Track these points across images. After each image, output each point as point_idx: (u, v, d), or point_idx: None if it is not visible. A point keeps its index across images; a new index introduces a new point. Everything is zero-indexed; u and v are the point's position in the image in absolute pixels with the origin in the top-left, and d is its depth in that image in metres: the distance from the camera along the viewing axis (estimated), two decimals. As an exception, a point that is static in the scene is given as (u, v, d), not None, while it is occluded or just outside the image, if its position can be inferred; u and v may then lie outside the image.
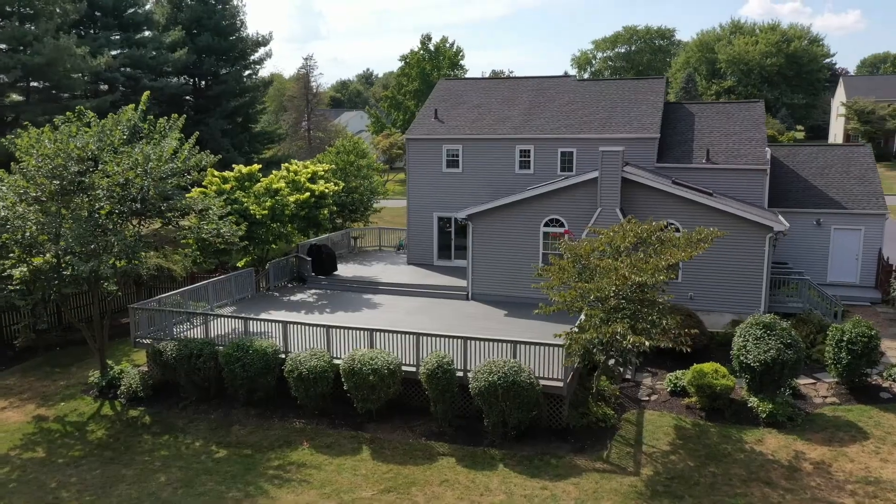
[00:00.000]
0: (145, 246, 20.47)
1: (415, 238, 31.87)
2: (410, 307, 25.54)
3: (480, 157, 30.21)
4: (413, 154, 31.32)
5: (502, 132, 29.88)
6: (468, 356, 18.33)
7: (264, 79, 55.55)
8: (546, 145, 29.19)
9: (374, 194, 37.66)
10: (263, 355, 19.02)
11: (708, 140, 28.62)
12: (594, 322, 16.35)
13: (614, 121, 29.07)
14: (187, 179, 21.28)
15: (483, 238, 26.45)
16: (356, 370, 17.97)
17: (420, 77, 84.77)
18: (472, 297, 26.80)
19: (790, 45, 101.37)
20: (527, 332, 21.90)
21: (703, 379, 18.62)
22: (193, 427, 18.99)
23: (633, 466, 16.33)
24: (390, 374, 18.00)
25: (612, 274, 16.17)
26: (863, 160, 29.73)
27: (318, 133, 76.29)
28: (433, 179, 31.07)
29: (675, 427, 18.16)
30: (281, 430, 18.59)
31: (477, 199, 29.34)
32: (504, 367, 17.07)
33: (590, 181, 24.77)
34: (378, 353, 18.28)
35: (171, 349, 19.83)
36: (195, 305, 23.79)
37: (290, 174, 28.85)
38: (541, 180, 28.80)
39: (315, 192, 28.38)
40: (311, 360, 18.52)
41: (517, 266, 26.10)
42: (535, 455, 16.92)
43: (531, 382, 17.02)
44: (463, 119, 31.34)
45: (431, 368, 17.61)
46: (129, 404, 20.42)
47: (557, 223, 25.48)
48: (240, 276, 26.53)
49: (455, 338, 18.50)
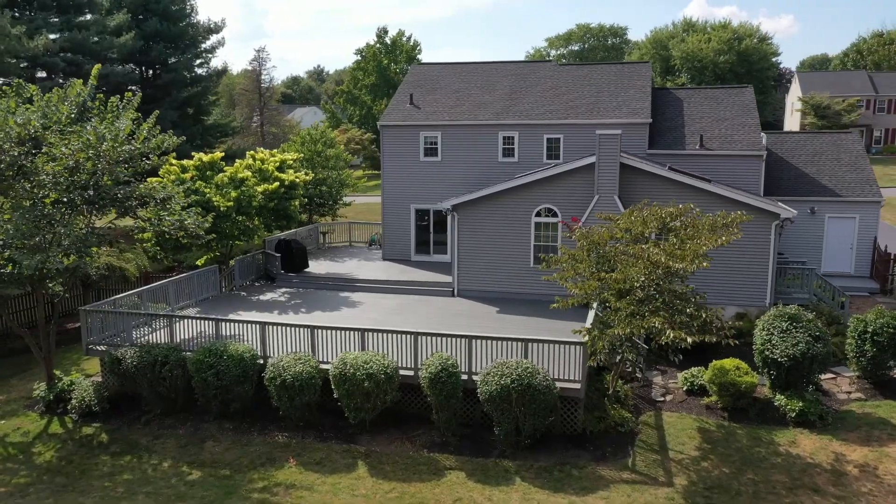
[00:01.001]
0: (98, 240, 17.95)
1: (391, 232, 29.82)
2: (393, 305, 23.53)
3: (461, 144, 28.37)
4: (388, 142, 29.26)
5: (484, 118, 28.09)
6: (473, 357, 16.46)
7: (217, 68, 52.48)
8: (531, 131, 27.53)
9: (344, 187, 35.37)
10: (240, 361, 16.77)
11: (699, 126, 27.40)
12: (621, 316, 14.66)
13: (602, 105, 27.60)
14: (145, 165, 18.81)
15: (469, 230, 24.61)
16: (349, 376, 15.90)
17: (377, 71, 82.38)
18: (458, 293, 24.93)
19: (741, 44, 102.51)
20: (524, 329, 20.24)
21: (724, 376, 17.17)
22: (160, 445, 16.60)
23: (665, 475, 14.71)
24: (387, 379, 15.99)
25: (640, 262, 14.52)
26: (852, 147, 28.98)
27: (272, 128, 73.15)
28: (410, 169, 29.08)
29: (699, 429, 16.64)
30: (262, 445, 16.38)
31: (458, 189, 27.47)
32: (517, 368, 15.26)
33: (585, 167, 23.18)
34: (373, 355, 16.25)
35: (131, 356, 17.38)
36: (154, 307, 21.31)
37: (257, 163, 26.45)
38: (526, 169, 27.16)
39: (285, 182, 26.05)
40: (295, 365, 16.36)
41: (507, 259, 24.35)
42: (554, 465, 15.16)
43: (548, 385, 15.26)
44: (441, 104, 29.44)
45: (434, 372, 15.68)
46: (81, 420, 17.88)
47: (550, 213, 23.82)
48: (203, 275, 24.07)
49: (458, 337, 16.60)
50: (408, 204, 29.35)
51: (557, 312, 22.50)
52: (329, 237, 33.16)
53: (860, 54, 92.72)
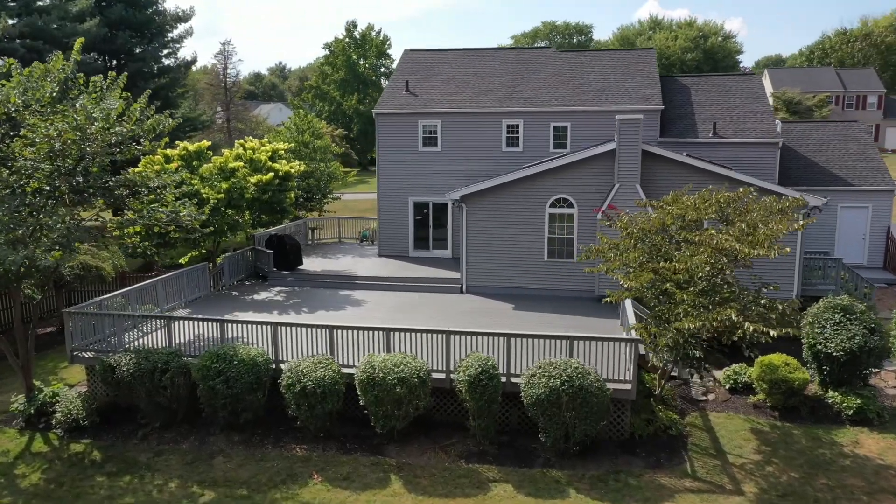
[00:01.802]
0: (85, 234, 16.00)
1: (387, 227, 28.21)
2: (399, 303, 21.97)
3: (462, 133, 26.92)
4: (384, 132, 27.65)
5: (486, 105, 26.69)
6: (513, 357, 15.04)
7: (186, 59, 49.91)
8: (536, 119, 26.23)
9: (332, 179, 33.51)
10: (253, 367, 15.03)
11: (709, 113, 26.47)
12: (683, 309, 13.39)
13: (610, 92, 26.46)
14: (135, 150, 16.88)
15: (479, 222, 23.17)
16: (378, 381, 14.32)
17: (346, 66, 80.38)
18: (466, 289, 23.47)
19: (707, 41, 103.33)
20: (546, 326, 18.96)
21: (774, 373, 16.09)
22: (162, 462, 14.77)
23: (731, 483, 13.51)
24: (421, 383, 14.46)
25: (704, 250, 13.28)
26: (859, 136, 28.41)
27: (239, 124, 70.57)
28: (408, 160, 27.52)
29: (752, 431, 15.52)
30: (279, 459, 14.68)
31: (459, 181, 26.14)
32: (566, 369, 13.90)
33: (603, 155, 21.96)
34: (403, 357, 14.70)
35: (126, 363, 15.49)
36: (142, 309, 19.40)
37: (248, 152, 24.55)
38: (531, 158, 25.91)
39: (279, 173, 24.21)
40: (316, 369, 14.71)
41: (520, 253, 22.98)
42: (607, 474, 13.83)
43: (600, 387, 13.93)
44: (439, 92, 27.95)
45: (474, 374, 14.20)
46: (68, 436, 15.91)
47: (566, 203, 22.53)
48: (191, 274, 22.13)
49: (497, 335, 15.15)
50: (405, 197, 27.79)
51: (578, 308, 21.31)
52: (318, 233, 31.35)
53: (825, 52, 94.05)
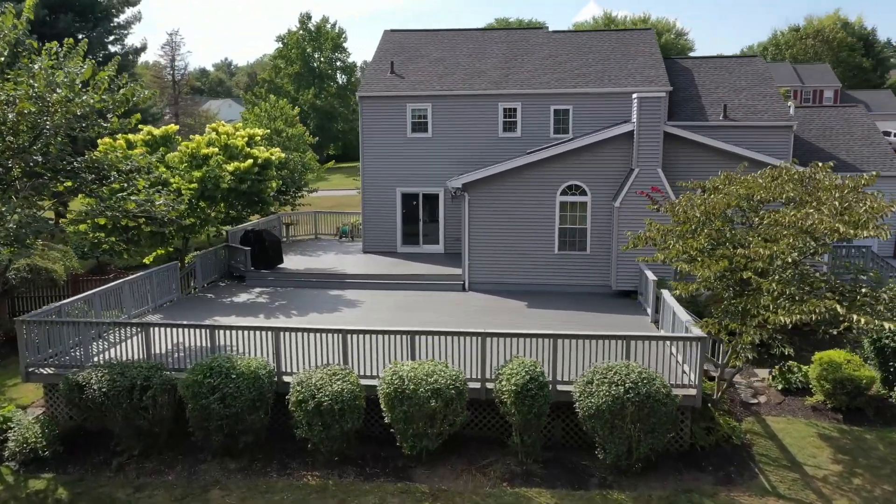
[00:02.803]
0: (44, 226, 13.33)
1: (372, 221, 25.90)
2: (399, 303, 19.76)
3: (455, 117, 24.84)
4: (368, 117, 25.34)
5: (481, 87, 24.68)
6: (558, 361, 13.04)
7: (135, 46, 46.49)
8: (536, 102, 24.34)
9: (307, 170, 30.90)
10: (255, 381, 12.65)
11: (716, 96, 25.03)
12: (765, 302, 11.59)
13: (612, 73, 24.76)
14: (101, 129, 14.28)
15: (483, 213, 21.12)
16: (408, 394, 12.13)
17: (301, 59, 77.37)
18: (469, 287, 21.39)
19: (661, 38, 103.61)
20: (573, 325, 17.10)
21: (837, 371, 14.51)
22: (146, 499, 12.24)
23: (819, 499, 11.79)
24: (458, 395, 12.33)
25: (788, 233, 11.52)
26: (862, 120, 27.43)
27: (189, 120, 66.91)
28: (395, 147, 25.28)
29: (820, 437, 13.88)
30: (289, 491, 12.33)
31: (452, 169, 24.11)
32: (629, 374, 11.98)
33: (619, 137, 20.19)
34: (435, 365, 12.55)
35: (98, 381, 12.90)
36: (108, 315, 16.75)
37: (222, 137, 21.90)
38: (529, 145, 24.02)
39: (258, 160, 21.64)
40: (331, 382, 12.43)
41: (528, 246, 21.03)
42: (677, 494, 11.96)
43: (668, 393, 12.05)
44: (427, 73, 25.80)
45: (521, 383, 12.14)
46: (25, 470, 13.22)
47: (578, 190, 20.68)
48: (161, 275, 19.45)
49: (542, 337, 13.12)
50: (393, 187, 25.54)
51: (596, 304, 19.48)
52: (292, 229, 28.80)
53: (778, 48, 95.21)
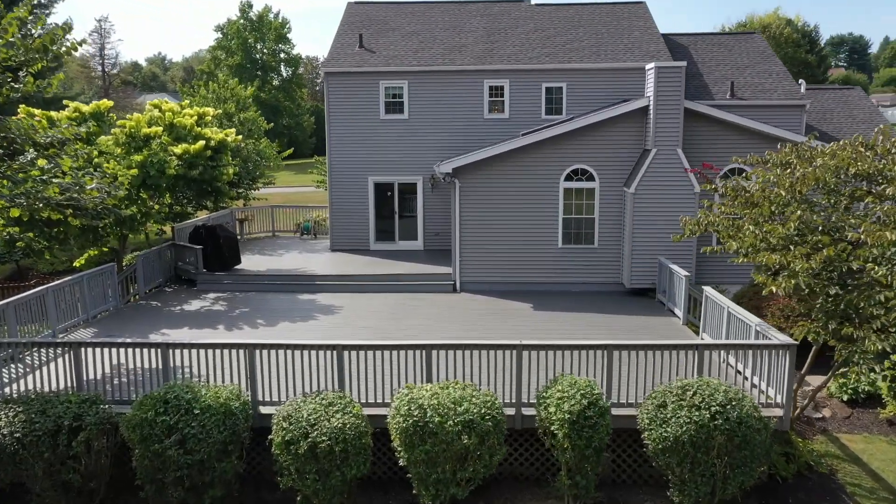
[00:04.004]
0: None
1: (341, 215, 22.84)
2: (384, 308, 16.85)
3: (434, 97, 22.03)
4: (336, 96, 22.28)
5: (463, 63, 21.93)
6: (613, 380, 10.41)
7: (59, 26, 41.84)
8: (525, 79, 21.74)
9: (263, 159, 27.47)
10: (226, 417, 9.57)
11: (719, 74, 22.92)
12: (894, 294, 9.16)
13: (607, 48, 22.37)
14: (9, 91, 10.97)
15: (476, 202, 18.38)
16: (431, 428, 9.28)
17: (242, 50, 73.13)
18: (460, 287, 18.61)
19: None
20: (597, 330, 14.58)
21: (919, 378, 12.32)
22: (79, 583, 9.04)
23: (950, 544, 9.48)
24: (495, 427, 9.54)
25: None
26: (862, 103, 25.82)
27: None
28: (367, 130, 22.30)
29: (911, 457, 11.65)
30: (274, 561, 9.32)
31: (432, 155, 21.51)
32: (715, 394, 9.42)
33: (632, 114, 17.76)
34: (464, 388, 9.74)
35: (8, 422, 9.61)
36: (25, 332, 13.40)
37: (166, 115, 18.49)
38: (519, 127, 21.46)
39: (212, 142, 18.31)
40: (328, 415, 9.46)
41: (527, 240, 18.40)
42: (773, 544, 9.47)
43: (759, 417, 9.54)
44: (401, 48, 22.89)
45: (576, 410, 9.43)
46: (-90, 544, 9.85)
47: (584, 175, 18.15)
48: (95, 280, 16.03)
49: (594, 348, 10.43)
50: (364, 177, 22.55)
51: (611, 304, 16.98)
52: (247, 226, 25.45)
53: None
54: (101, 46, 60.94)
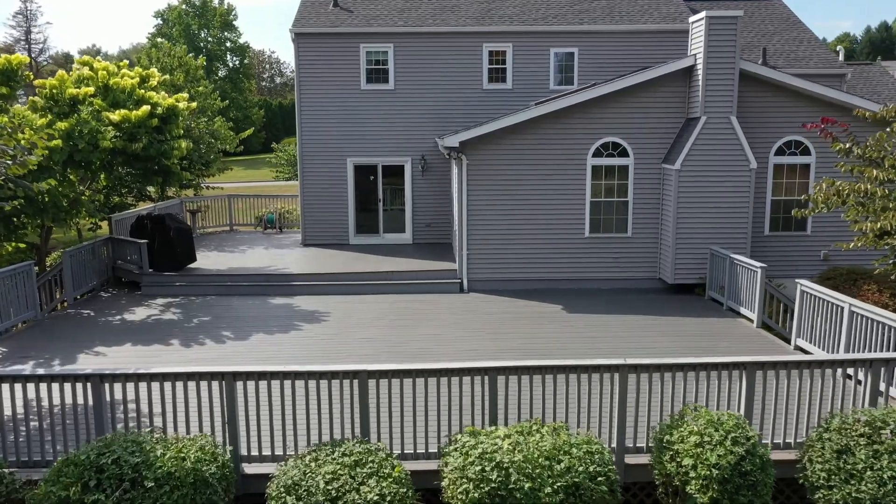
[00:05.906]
0: None
1: (314, 203, 19.38)
2: (383, 315, 13.55)
3: (425, 63, 18.80)
4: (307, 62, 18.81)
5: (458, 23, 18.76)
6: (754, 411, 7.39)
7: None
8: (531, 42, 18.72)
9: (218, 141, 23.61)
10: (197, 489, 6.17)
11: (745, 41, 20.34)
12: None
13: (621, 10, 19.50)
14: None
15: (486, 183, 15.22)
16: (516, 497, 6.08)
17: (185, 37, 68.26)
18: (469, 286, 15.42)
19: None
20: (651, 339, 11.68)
21: None
22: None
23: None
24: (610, 490, 6.39)
25: None
26: (882, 79, 23.71)
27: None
28: (345, 103, 18.91)
29: None
30: None
31: (422, 132, 18.56)
32: (920, 431, 6.48)
33: (672, 76, 14.86)
34: (558, 433, 6.57)
35: None
36: None
37: (100, 74, 14.72)
38: (524, 99, 18.52)
39: (159, 108, 14.60)
40: (356, 482, 6.16)
41: (549, 228, 15.34)
42: None
43: (978, 462, 6.63)
44: (384, 6, 19.57)
45: (730, 462, 6.37)
46: None
47: (616, 150, 15.18)
48: (6, 282, 12.29)
49: (727, 367, 7.37)
50: (342, 158, 19.16)
51: (653, 305, 14.05)
52: (199, 218, 21.67)
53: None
54: (26, 29, 55.48)
